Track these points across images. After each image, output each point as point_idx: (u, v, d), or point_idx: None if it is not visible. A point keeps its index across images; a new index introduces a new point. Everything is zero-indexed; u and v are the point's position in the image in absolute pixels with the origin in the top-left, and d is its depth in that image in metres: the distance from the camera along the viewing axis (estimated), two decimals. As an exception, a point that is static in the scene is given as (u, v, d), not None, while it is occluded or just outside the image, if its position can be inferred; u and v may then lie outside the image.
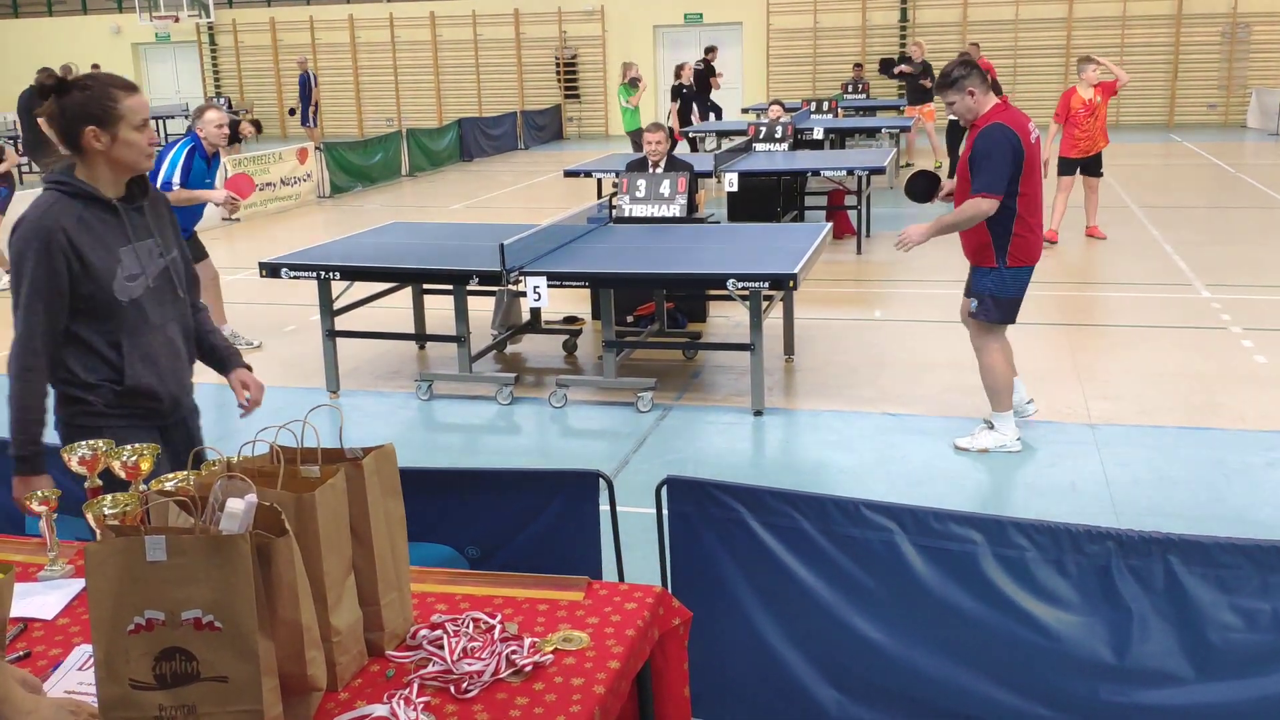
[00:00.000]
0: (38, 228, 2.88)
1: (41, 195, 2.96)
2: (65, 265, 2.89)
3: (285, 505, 1.91)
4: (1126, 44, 23.49)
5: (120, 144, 2.91)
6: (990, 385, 5.62)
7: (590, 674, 2.08)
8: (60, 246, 2.88)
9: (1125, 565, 2.76)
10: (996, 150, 5.19)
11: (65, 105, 2.89)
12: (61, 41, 27.87)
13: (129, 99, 2.93)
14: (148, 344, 3.07)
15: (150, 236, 3.08)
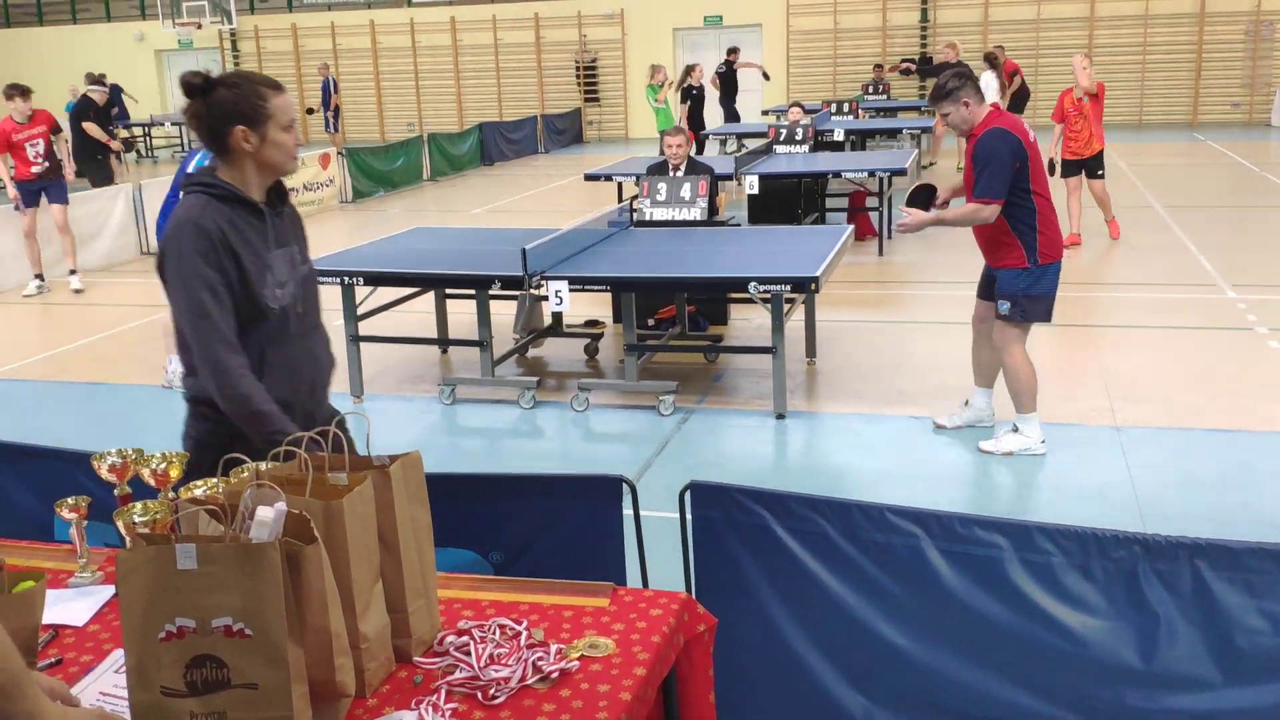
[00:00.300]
0: (197, 227, 2.77)
1: (189, 197, 2.84)
2: (225, 267, 2.78)
3: (314, 513, 1.93)
4: (1149, 43, 23.37)
5: (269, 144, 2.83)
6: (1015, 387, 5.59)
7: (617, 681, 2.09)
8: (223, 247, 2.77)
9: (1152, 570, 2.74)
10: (995, 156, 5.25)
11: (213, 104, 2.79)
12: (86, 49, 28.13)
13: (277, 98, 2.84)
14: (289, 355, 2.96)
15: (292, 244, 3.00)
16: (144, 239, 12.62)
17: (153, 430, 6.54)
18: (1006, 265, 5.43)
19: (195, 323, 2.78)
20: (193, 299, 2.76)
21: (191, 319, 2.79)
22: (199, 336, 2.79)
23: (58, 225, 10.92)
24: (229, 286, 2.78)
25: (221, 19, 28.12)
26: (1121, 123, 23.67)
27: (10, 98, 10.59)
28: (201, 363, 2.81)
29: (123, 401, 7.24)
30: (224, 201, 2.82)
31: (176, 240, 2.78)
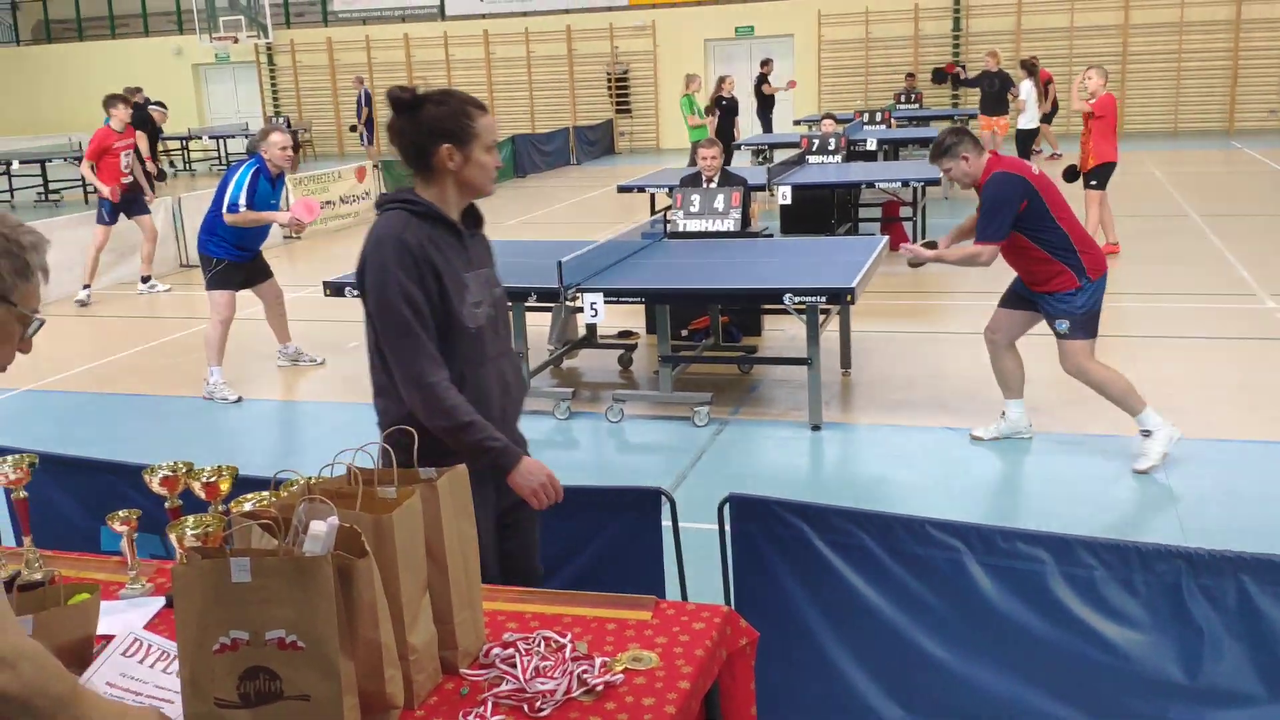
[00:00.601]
0: (400, 242, 2.72)
1: (390, 214, 2.80)
2: (426, 284, 2.73)
3: (364, 526, 1.96)
4: (1184, 50, 23.19)
5: (472, 164, 2.79)
6: (1114, 396, 5.50)
7: (661, 694, 2.10)
8: (425, 264, 2.72)
9: (1196, 584, 2.73)
10: (1000, 200, 5.36)
11: (420, 120, 2.76)
12: (124, 63, 28.51)
13: (483, 118, 2.80)
14: (483, 377, 2.88)
15: (486, 265, 2.95)
16: (183, 251, 12.77)
17: (196, 442, 6.62)
18: (1058, 288, 5.42)
19: (398, 339, 2.73)
20: (395, 314, 2.71)
21: (394, 335, 2.73)
22: (401, 353, 2.73)
23: (149, 234, 11.31)
24: (430, 303, 2.73)
25: (258, 33, 28.44)
26: (1157, 130, 23.49)
27: (113, 105, 10.82)
28: (404, 380, 2.74)
29: (165, 413, 7.33)
30: (423, 219, 2.78)
31: (379, 255, 2.74)
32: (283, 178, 7.69)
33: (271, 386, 7.85)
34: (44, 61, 30.67)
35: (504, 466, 2.77)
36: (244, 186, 7.30)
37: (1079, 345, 5.47)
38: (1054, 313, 5.48)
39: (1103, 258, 5.49)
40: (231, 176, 7.40)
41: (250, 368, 8.17)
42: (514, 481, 2.78)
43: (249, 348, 8.58)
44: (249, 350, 8.52)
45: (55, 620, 2.13)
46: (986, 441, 5.93)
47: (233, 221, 7.32)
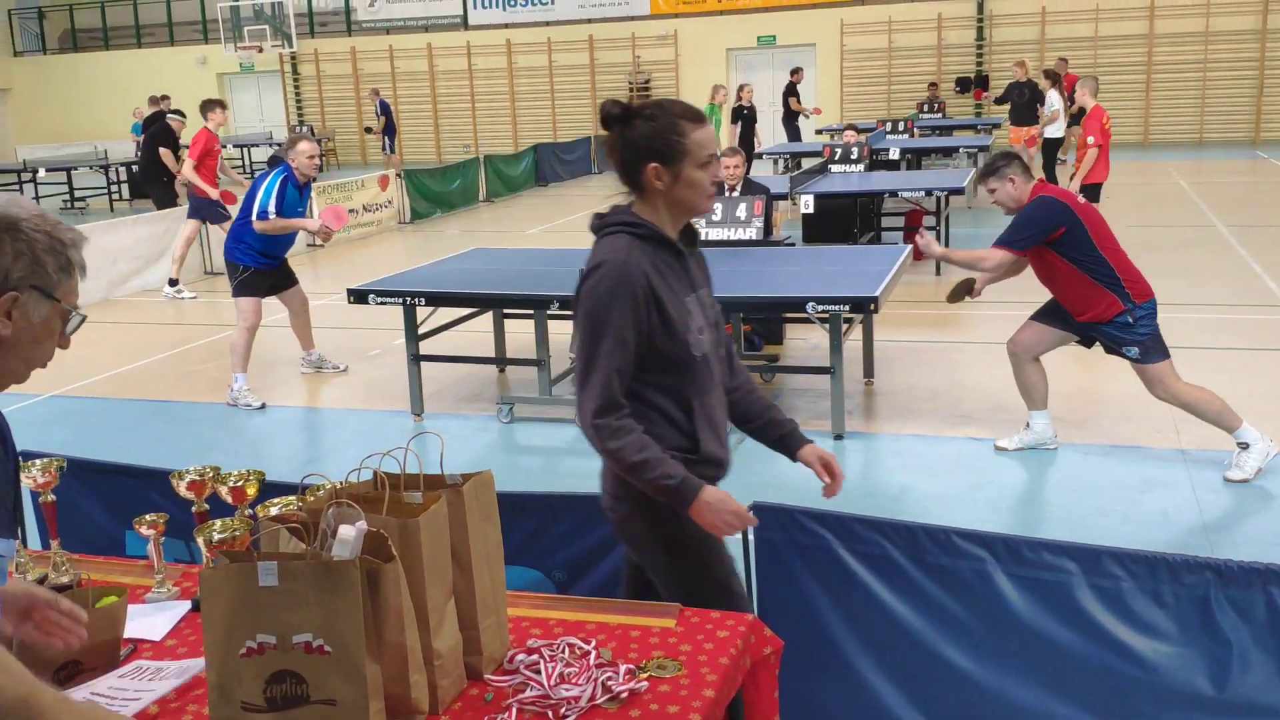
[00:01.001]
0: (625, 273, 2.56)
1: (615, 238, 2.64)
2: (646, 317, 2.58)
3: (390, 531, 1.96)
4: (1210, 60, 23.06)
5: (682, 183, 2.61)
6: (1209, 415, 5.43)
7: (686, 702, 2.10)
8: (646, 295, 2.58)
9: (1224, 596, 2.71)
10: (1034, 218, 5.42)
11: (629, 138, 2.61)
12: (150, 72, 28.75)
13: (696, 132, 2.60)
14: (710, 405, 2.75)
15: (705, 284, 2.81)
16: (208, 259, 12.86)
17: (220, 448, 6.66)
18: (1105, 315, 5.41)
19: (591, 372, 2.59)
20: (598, 347, 2.57)
21: (587, 366, 2.60)
22: (588, 387, 2.59)
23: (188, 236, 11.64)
24: (641, 337, 2.59)
25: (282, 43, 28.63)
26: (1182, 141, 23.36)
27: (210, 109, 11.13)
28: (580, 413, 2.63)
29: (190, 419, 7.37)
30: (646, 241, 2.63)
31: (598, 284, 2.58)
32: (309, 186, 7.74)
33: (295, 393, 7.88)
34: (70, 70, 30.97)
35: (684, 501, 2.58)
36: (273, 194, 7.36)
37: (1161, 368, 5.41)
38: (1118, 341, 5.46)
39: (1148, 287, 5.47)
40: (260, 185, 7.46)
41: (274, 375, 8.21)
42: (695, 515, 2.59)
43: (273, 355, 8.62)
44: (273, 357, 8.57)
45: (83, 623, 2.14)
46: (1011, 452, 5.89)
47: (262, 229, 7.38)
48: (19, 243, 1.73)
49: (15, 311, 1.73)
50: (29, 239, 1.74)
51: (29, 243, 1.74)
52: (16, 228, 1.74)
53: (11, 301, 1.72)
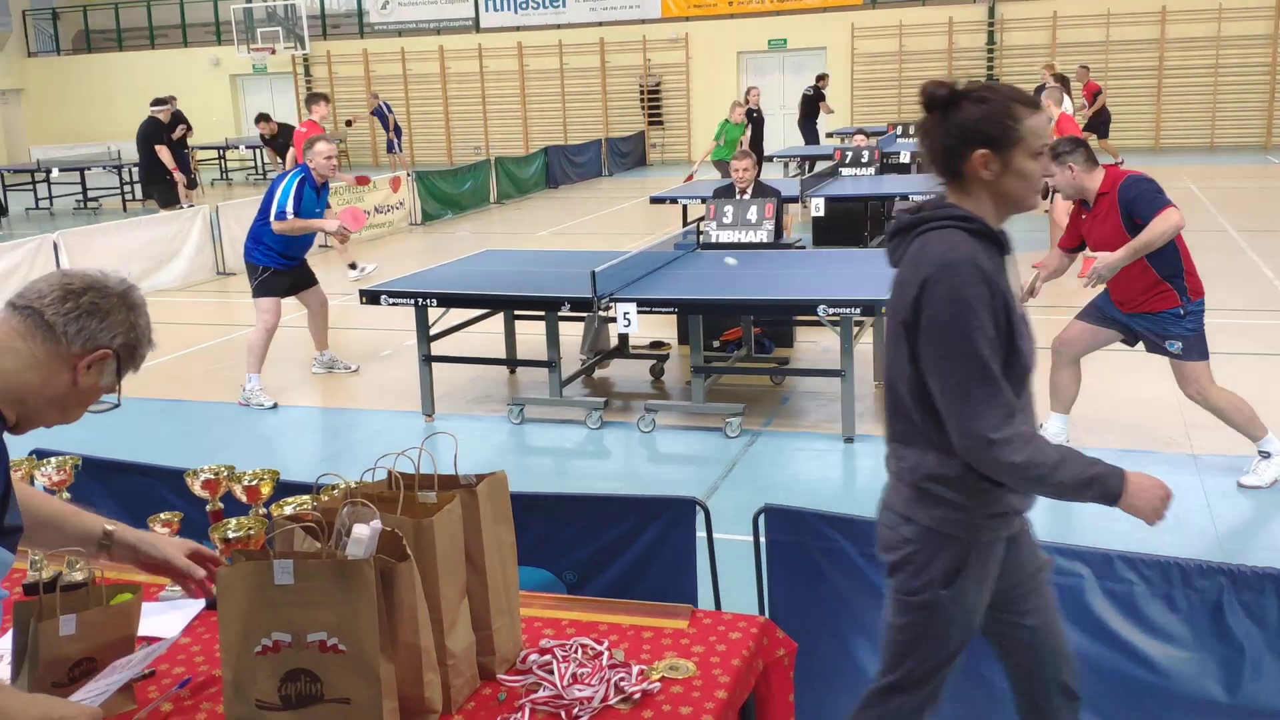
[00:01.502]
0: (977, 269, 2.29)
1: (948, 233, 2.36)
2: (1002, 322, 2.31)
3: (405, 531, 1.97)
4: (1221, 65, 22.99)
5: (1012, 173, 2.36)
6: (1238, 423, 5.40)
7: (698, 704, 2.10)
8: (1001, 296, 2.31)
9: (1237, 601, 2.70)
10: (1149, 186, 5.28)
11: (954, 122, 2.37)
12: (163, 73, 28.83)
13: (1031, 118, 2.36)
14: (1031, 419, 2.45)
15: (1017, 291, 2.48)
16: (220, 259, 12.90)
17: (233, 448, 6.68)
18: (1159, 308, 5.35)
19: (967, 387, 2.28)
20: (971, 357, 2.26)
21: (962, 381, 2.28)
22: (969, 403, 2.27)
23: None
24: (999, 343, 2.31)
25: (295, 44, 28.70)
26: (1194, 145, 23.29)
27: (315, 102, 11.46)
28: (966, 434, 2.29)
29: (204, 419, 7.40)
30: (978, 239, 2.36)
31: (951, 281, 2.28)
32: (327, 187, 7.79)
33: (307, 394, 7.90)
34: (84, 71, 31.08)
35: (1115, 488, 2.32)
36: (290, 194, 7.42)
37: (1199, 368, 5.36)
38: (1162, 334, 5.39)
39: (1202, 284, 5.40)
40: (278, 185, 7.52)
41: (286, 375, 8.23)
42: (1128, 505, 2.34)
43: (286, 356, 8.64)
44: (285, 358, 8.59)
45: (97, 620, 2.16)
46: None
47: (281, 229, 7.42)
48: (132, 316, 1.94)
49: (95, 369, 1.91)
50: (138, 322, 1.95)
51: (137, 323, 1.95)
52: (135, 307, 1.95)
53: (101, 358, 1.90)
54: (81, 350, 1.88)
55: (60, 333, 1.86)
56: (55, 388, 1.89)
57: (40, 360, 1.86)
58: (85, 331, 1.87)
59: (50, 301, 1.87)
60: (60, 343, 1.86)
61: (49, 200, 20.59)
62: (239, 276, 12.72)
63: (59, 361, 1.87)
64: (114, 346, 1.90)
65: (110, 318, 1.90)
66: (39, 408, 1.91)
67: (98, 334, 1.89)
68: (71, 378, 1.89)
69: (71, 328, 1.86)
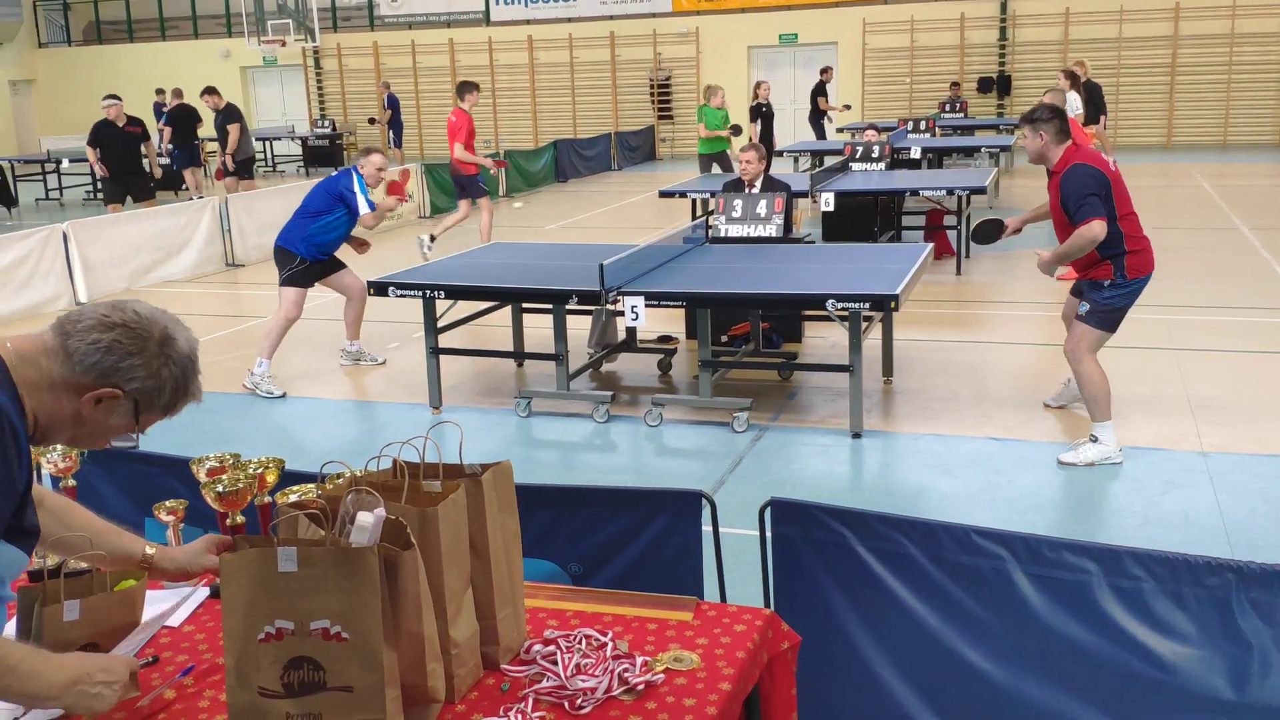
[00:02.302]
0: None
1: None
2: None
3: (409, 519, 1.96)
4: (1235, 62, 22.88)
5: None
6: (1090, 395, 5.68)
7: (702, 695, 2.09)
8: None
9: (1246, 598, 2.68)
10: (1083, 185, 5.51)
11: None
12: (174, 65, 28.88)
13: None
14: None
15: None
16: (229, 251, 12.91)
17: (239, 437, 6.68)
18: (1096, 277, 5.65)
19: None
20: None
21: None
22: None
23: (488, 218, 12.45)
24: None
25: (305, 37, 28.70)
26: (1206, 143, 23.19)
27: (467, 91, 11.96)
28: None
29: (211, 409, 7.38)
30: None
31: None
32: None
33: (314, 385, 7.90)
34: (94, 62, 31.12)
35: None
36: (361, 191, 7.69)
37: (1087, 331, 5.66)
38: (1084, 296, 5.75)
39: (1150, 261, 5.68)
40: (341, 184, 7.72)
41: (298, 365, 8.23)
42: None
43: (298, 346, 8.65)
44: (295, 348, 8.59)
45: (101, 606, 2.16)
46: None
47: (372, 223, 7.74)
48: (161, 366, 1.89)
49: (103, 407, 1.88)
50: (165, 372, 1.90)
51: (161, 373, 1.90)
52: (170, 359, 1.91)
53: (109, 396, 1.87)
54: (92, 384, 1.86)
55: (75, 361, 1.85)
56: (59, 411, 1.88)
57: (54, 382, 1.86)
58: (99, 367, 1.85)
59: (82, 329, 1.86)
60: (74, 371, 1.85)
61: (59, 191, 20.62)
62: (248, 268, 12.75)
63: (68, 388, 1.86)
64: (126, 389, 1.88)
65: (131, 360, 1.87)
66: (49, 426, 1.91)
67: (111, 373, 1.86)
68: (75, 408, 1.88)
69: (89, 359, 1.85)
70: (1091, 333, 5.65)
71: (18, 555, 1.88)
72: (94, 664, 1.86)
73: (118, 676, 1.84)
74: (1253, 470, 5.55)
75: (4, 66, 31.08)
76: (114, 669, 1.85)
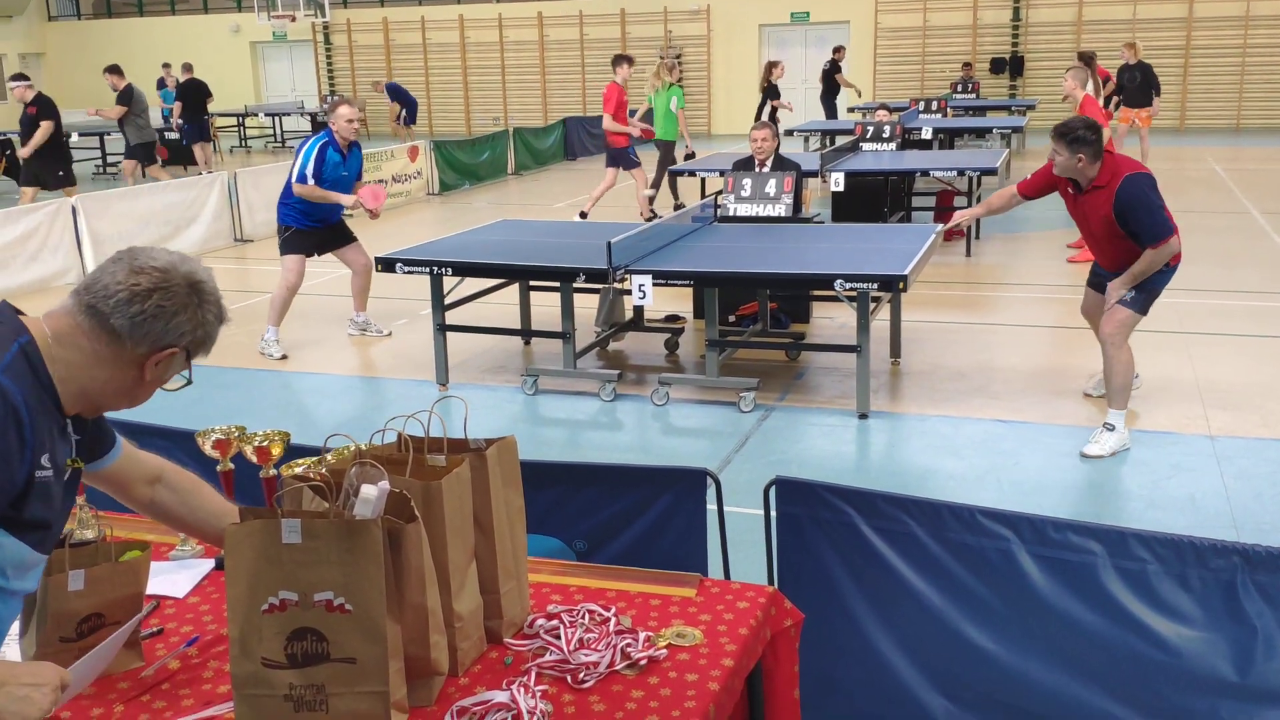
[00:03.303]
0: None
1: None
2: None
3: (413, 492, 1.96)
4: (1249, 45, 22.71)
5: None
6: (1119, 382, 5.64)
7: (704, 671, 2.10)
8: None
9: (1251, 581, 2.68)
10: (1151, 198, 5.41)
11: None
12: (184, 40, 28.82)
13: None
14: None
15: None
16: (237, 225, 12.91)
17: (246, 411, 6.70)
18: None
19: None
20: None
21: None
22: None
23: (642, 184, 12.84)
24: None
25: (315, 12, 28.61)
26: (1220, 126, 23.04)
27: (619, 64, 12.73)
28: None
29: (219, 384, 7.42)
30: None
31: None
32: (357, 149, 7.92)
33: (321, 359, 7.91)
34: (104, 36, 31.08)
35: None
36: (312, 157, 7.57)
37: (1130, 316, 5.61)
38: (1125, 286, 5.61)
39: (1180, 252, 5.63)
40: (301, 149, 7.63)
41: (306, 336, 8.24)
42: None
43: (306, 317, 8.66)
44: (305, 321, 8.60)
45: (106, 576, 2.16)
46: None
47: (300, 193, 7.61)
48: (201, 312, 1.91)
49: (162, 365, 1.91)
50: (206, 316, 1.93)
51: (205, 318, 1.92)
52: (205, 300, 1.92)
53: (168, 356, 1.90)
54: (148, 351, 1.88)
55: (126, 338, 1.85)
56: (121, 382, 1.90)
57: (105, 359, 1.87)
58: (151, 336, 1.87)
59: (116, 305, 1.84)
60: (125, 347, 1.86)
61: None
62: (257, 243, 12.75)
63: (122, 361, 1.88)
64: (182, 345, 1.91)
65: (178, 319, 1.88)
66: (105, 398, 1.92)
67: (165, 336, 1.88)
68: (139, 374, 1.90)
69: (139, 333, 1.85)
70: (1133, 317, 5.60)
71: (16, 548, 1.84)
72: (23, 669, 1.80)
73: (45, 681, 1.76)
74: (1260, 454, 5.54)
75: (13, 40, 31.04)
76: (42, 674, 1.78)
